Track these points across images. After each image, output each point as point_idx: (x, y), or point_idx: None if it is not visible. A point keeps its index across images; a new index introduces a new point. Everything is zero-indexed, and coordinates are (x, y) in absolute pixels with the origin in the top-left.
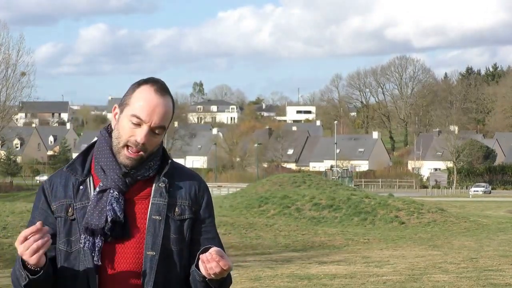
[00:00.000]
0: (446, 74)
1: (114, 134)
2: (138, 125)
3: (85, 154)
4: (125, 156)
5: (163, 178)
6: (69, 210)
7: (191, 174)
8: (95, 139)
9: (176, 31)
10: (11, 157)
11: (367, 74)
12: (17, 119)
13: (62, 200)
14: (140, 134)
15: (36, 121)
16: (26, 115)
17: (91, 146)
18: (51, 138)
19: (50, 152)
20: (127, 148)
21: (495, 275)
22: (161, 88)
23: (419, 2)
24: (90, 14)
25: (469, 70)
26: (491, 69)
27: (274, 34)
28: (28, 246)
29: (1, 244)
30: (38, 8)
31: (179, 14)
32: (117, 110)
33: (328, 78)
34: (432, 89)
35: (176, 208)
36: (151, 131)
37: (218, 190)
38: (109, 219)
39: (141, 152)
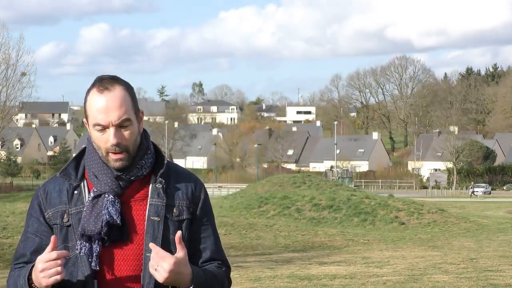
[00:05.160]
0: (446, 74)
1: (94, 146)
2: (104, 130)
3: (78, 159)
4: (113, 160)
5: (160, 179)
6: (64, 217)
7: (187, 174)
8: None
9: (178, 31)
10: (11, 157)
11: (367, 74)
12: (17, 120)
13: (57, 207)
14: (110, 137)
15: (36, 121)
16: (26, 116)
17: (83, 152)
18: (51, 139)
19: (50, 153)
20: (111, 153)
21: (495, 275)
22: (105, 84)
23: (420, 2)
24: (92, 14)
25: (469, 71)
26: (491, 70)
27: (275, 34)
28: (47, 272)
29: (1, 244)
30: (39, 8)
31: (180, 14)
32: (87, 123)
33: (328, 78)
34: (432, 89)
35: (174, 209)
36: (118, 128)
37: (218, 190)
38: (104, 223)
39: (124, 151)
